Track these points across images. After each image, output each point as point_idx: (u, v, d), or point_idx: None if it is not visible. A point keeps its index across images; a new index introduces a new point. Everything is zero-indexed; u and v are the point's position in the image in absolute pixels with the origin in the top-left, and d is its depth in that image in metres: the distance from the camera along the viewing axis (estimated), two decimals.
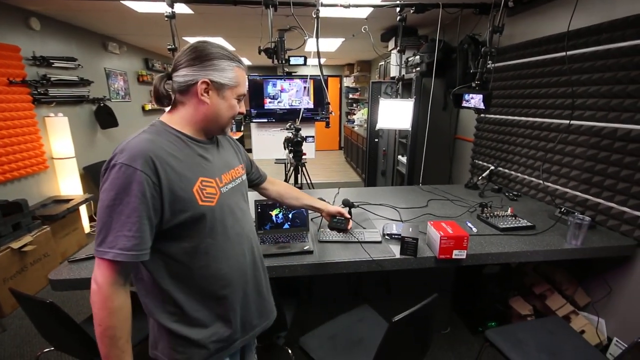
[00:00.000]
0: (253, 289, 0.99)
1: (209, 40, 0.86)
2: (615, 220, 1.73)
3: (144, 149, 0.75)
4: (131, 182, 0.72)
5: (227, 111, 0.89)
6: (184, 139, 0.85)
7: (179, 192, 0.79)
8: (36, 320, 1.37)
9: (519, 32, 2.40)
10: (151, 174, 0.74)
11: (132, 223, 0.73)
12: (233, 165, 0.99)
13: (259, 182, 1.26)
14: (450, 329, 2.14)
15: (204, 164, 0.87)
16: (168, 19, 2.00)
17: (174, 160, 0.80)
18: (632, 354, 0.96)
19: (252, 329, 1.00)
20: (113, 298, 0.74)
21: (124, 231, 0.72)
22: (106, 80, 4.29)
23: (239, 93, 0.89)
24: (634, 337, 1.01)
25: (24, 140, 2.92)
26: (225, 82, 0.85)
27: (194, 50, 0.83)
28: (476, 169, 2.95)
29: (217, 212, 0.86)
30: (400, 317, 1.01)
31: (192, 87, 0.83)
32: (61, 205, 3.01)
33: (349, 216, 1.37)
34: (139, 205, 0.73)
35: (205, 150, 0.90)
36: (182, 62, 0.83)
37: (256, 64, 7.86)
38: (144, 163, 0.74)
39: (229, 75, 0.85)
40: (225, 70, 0.85)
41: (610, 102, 1.72)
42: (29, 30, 3.06)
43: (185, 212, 0.80)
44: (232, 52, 0.87)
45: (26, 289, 2.49)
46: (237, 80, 0.87)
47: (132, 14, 3.18)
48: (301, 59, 2.67)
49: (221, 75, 0.84)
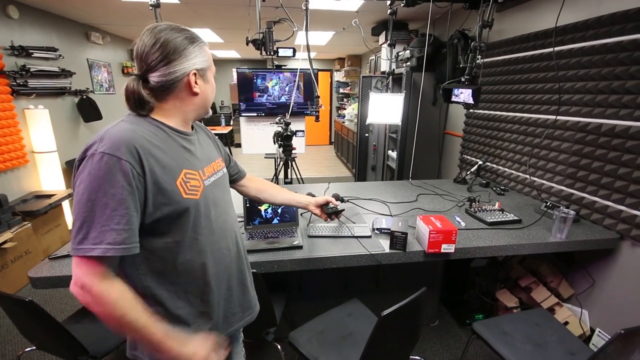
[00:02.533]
0: (237, 283, 0.98)
1: (163, 25, 0.80)
2: (599, 214, 1.76)
3: (127, 138, 0.72)
4: (115, 173, 0.68)
5: (211, 94, 0.90)
6: (166, 130, 0.82)
7: (163, 185, 0.75)
8: (16, 320, 1.32)
9: (508, 28, 2.41)
10: (135, 164, 0.71)
11: (120, 215, 0.69)
12: (214, 157, 0.97)
13: (237, 177, 1.21)
14: (439, 322, 2.17)
15: (187, 155, 0.84)
16: (152, 7, 1.93)
17: (157, 151, 0.76)
18: (615, 346, 0.99)
19: (235, 322, 0.99)
20: (109, 291, 0.69)
21: (112, 225, 0.68)
22: (89, 72, 4.16)
23: (213, 70, 0.90)
24: (616, 328, 1.03)
25: (3, 134, 2.80)
26: (204, 66, 0.85)
27: (162, 45, 0.77)
28: (465, 164, 2.97)
29: (201, 205, 0.84)
30: (389, 311, 1.01)
31: (179, 82, 0.80)
32: (42, 201, 2.92)
33: (337, 203, 1.34)
34: (127, 196, 0.69)
35: (188, 142, 0.87)
36: (157, 60, 0.77)
37: (245, 57, 7.76)
38: (128, 152, 0.70)
39: (204, 57, 0.85)
40: (201, 54, 0.84)
41: (595, 98, 1.74)
42: (6, 18, 2.93)
43: (168, 206, 0.76)
44: (191, 31, 0.84)
45: (7, 287, 2.41)
46: (210, 60, 0.88)
47: (115, 3, 3.08)
48: (290, 50, 2.63)
49: (200, 60, 0.83)
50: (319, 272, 1.45)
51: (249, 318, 1.05)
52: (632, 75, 1.56)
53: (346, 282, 1.96)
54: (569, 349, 1.35)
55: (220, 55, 7.43)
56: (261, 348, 1.96)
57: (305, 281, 1.92)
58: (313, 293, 1.93)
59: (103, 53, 4.52)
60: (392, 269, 1.89)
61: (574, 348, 1.36)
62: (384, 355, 1.19)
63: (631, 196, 1.61)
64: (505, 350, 1.33)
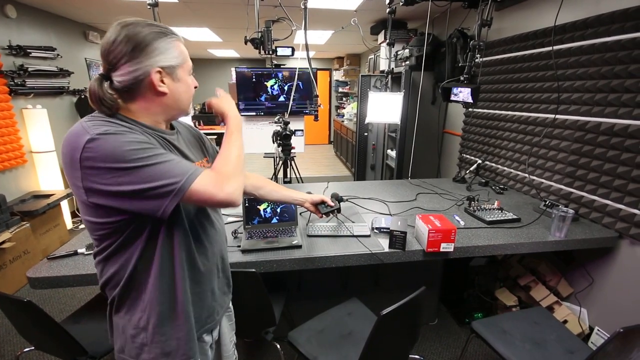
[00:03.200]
0: (219, 291, 0.97)
1: (131, 20, 0.75)
2: (597, 212, 1.76)
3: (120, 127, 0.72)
4: (129, 134, 0.70)
5: (185, 93, 0.83)
6: (149, 132, 0.78)
7: None
8: (14, 320, 1.32)
9: (507, 26, 2.41)
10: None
11: (171, 158, 0.72)
12: (197, 157, 0.93)
13: None
14: (438, 321, 2.17)
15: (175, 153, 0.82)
16: (151, 7, 1.92)
17: None
18: (614, 344, 0.99)
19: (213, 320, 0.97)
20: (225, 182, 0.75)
21: (172, 168, 0.70)
22: (87, 71, 4.14)
23: (189, 68, 0.83)
24: (615, 326, 1.03)
25: (1, 134, 2.80)
26: (174, 64, 0.78)
27: (128, 40, 0.72)
28: (464, 163, 2.97)
29: (183, 205, 0.81)
30: (389, 310, 1.01)
31: (142, 82, 0.75)
32: (41, 201, 2.91)
33: (332, 204, 1.34)
34: (161, 152, 0.72)
35: (173, 140, 0.85)
36: (120, 57, 0.72)
37: (244, 56, 7.74)
38: (118, 124, 0.72)
39: (174, 54, 0.78)
40: (169, 50, 0.77)
41: (594, 96, 1.74)
42: (4, 18, 2.92)
43: None
44: (162, 25, 0.79)
45: (5, 288, 2.41)
46: (183, 56, 0.81)
47: (113, 2, 3.07)
48: (289, 49, 2.62)
49: (167, 57, 0.77)
50: (319, 271, 1.45)
51: (228, 311, 1.07)
52: (631, 73, 1.56)
53: (345, 281, 1.96)
54: (568, 348, 1.36)
55: (219, 54, 7.41)
56: (260, 347, 1.96)
57: (305, 280, 1.92)
58: (312, 292, 1.93)
59: None
60: (392, 268, 1.88)
61: (573, 346, 1.36)
62: (384, 355, 1.19)
63: (630, 195, 1.61)
64: (505, 349, 1.33)
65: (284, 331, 1.46)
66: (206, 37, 5.01)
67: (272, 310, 1.41)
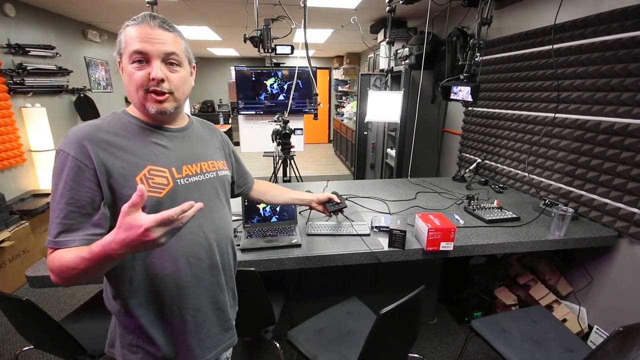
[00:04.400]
0: (209, 299, 0.87)
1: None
2: (597, 211, 1.76)
3: (80, 134, 0.73)
4: (63, 168, 0.71)
5: (129, 85, 0.76)
6: (138, 125, 0.80)
7: (117, 179, 0.73)
8: (13, 319, 1.31)
9: (507, 25, 2.40)
10: (84, 159, 0.71)
11: (60, 209, 0.70)
12: (206, 157, 0.90)
13: (244, 190, 1.18)
14: (437, 320, 2.17)
15: (157, 151, 0.80)
16: (150, 5, 1.92)
17: (116, 146, 0.75)
18: (614, 343, 0.99)
19: (213, 346, 0.89)
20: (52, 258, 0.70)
21: (53, 218, 0.71)
22: (86, 70, 4.14)
23: (128, 54, 0.73)
24: (614, 325, 1.03)
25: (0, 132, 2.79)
26: (118, 51, 0.76)
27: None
28: (463, 162, 2.97)
29: (165, 204, 0.75)
30: (388, 309, 1.01)
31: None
32: (40, 200, 2.91)
33: (339, 200, 1.35)
34: (68, 191, 0.70)
35: (164, 138, 0.82)
36: None
37: (244, 54, 7.73)
38: (77, 148, 0.71)
39: (119, 40, 0.75)
40: (121, 36, 0.75)
41: (594, 95, 1.74)
42: (3, 16, 2.91)
43: (122, 201, 0.70)
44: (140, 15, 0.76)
45: (5, 287, 2.41)
46: (124, 42, 0.74)
47: (112, 0, 3.06)
48: (288, 47, 2.61)
49: (117, 47, 0.76)
50: (318, 270, 1.45)
51: (231, 342, 0.95)
52: (631, 72, 1.56)
53: (345, 280, 1.96)
54: (567, 347, 1.36)
55: (219, 53, 7.40)
56: (260, 346, 1.96)
57: (304, 279, 1.92)
58: (312, 291, 1.93)
59: (100, 51, 4.50)
60: (391, 267, 1.88)
61: (572, 345, 1.36)
62: (383, 353, 1.19)
63: (629, 194, 1.61)
64: (504, 348, 1.33)
65: (284, 330, 1.46)
66: (206, 36, 5.00)
67: (272, 309, 1.41)
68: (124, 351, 0.83)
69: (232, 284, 0.98)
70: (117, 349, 0.85)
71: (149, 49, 0.72)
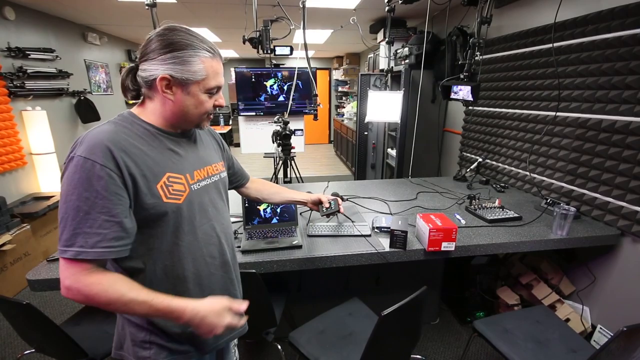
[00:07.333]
0: (221, 293, 0.90)
1: (178, 26, 0.77)
2: (599, 210, 1.75)
3: (104, 140, 0.70)
4: (90, 177, 0.67)
5: (194, 108, 0.80)
6: (153, 132, 0.80)
7: (141, 187, 0.74)
8: (14, 322, 1.31)
9: (507, 24, 2.40)
10: (112, 166, 0.69)
11: (93, 219, 0.68)
12: (210, 161, 0.93)
13: (240, 184, 1.21)
14: (440, 320, 2.16)
15: (173, 158, 0.81)
16: (149, 7, 1.92)
17: (138, 153, 0.75)
18: (617, 343, 0.98)
19: (223, 335, 0.90)
20: (98, 281, 0.68)
21: (84, 228, 0.67)
22: (86, 73, 4.14)
23: (208, 87, 0.79)
24: (617, 324, 1.02)
25: (0, 136, 2.79)
26: (188, 77, 0.76)
27: (159, 41, 0.75)
28: (464, 162, 2.96)
29: (184, 210, 0.81)
30: (390, 310, 1.00)
31: (152, 83, 0.76)
32: (41, 203, 2.91)
33: (328, 205, 1.34)
34: (100, 200, 0.68)
35: (177, 144, 0.84)
36: (148, 53, 0.75)
37: (244, 56, 7.74)
38: (103, 155, 0.69)
39: (194, 69, 0.76)
40: (189, 63, 0.75)
41: (595, 93, 1.73)
42: (3, 20, 2.91)
43: (145, 210, 0.75)
44: (201, 39, 0.78)
45: (6, 290, 2.41)
46: (204, 73, 0.77)
47: (112, 3, 3.06)
48: (287, 49, 2.61)
49: (183, 69, 0.75)
50: (319, 271, 1.44)
51: (240, 330, 0.99)
52: (632, 70, 1.55)
53: (346, 281, 1.95)
54: (570, 346, 1.35)
55: None
56: (261, 348, 1.96)
57: (305, 281, 1.91)
58: (313, 293, 1.93)
59: (100, 54, 4.50)
60: (392, 268, 1.87)
61: (575, 345, 1.35)
62: (385, 355, 1.18)
63: (632, 192, 1.60)
64: (507, 348, 1.33)
65: (285, 332, 1.46)
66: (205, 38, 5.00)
67: (273, 311, 1.40)
68: (136, 349, 0.82)
69: (239, 277, 1.04)
70: (127, 349, 0.84)
71: (222, 83, 0.83)
